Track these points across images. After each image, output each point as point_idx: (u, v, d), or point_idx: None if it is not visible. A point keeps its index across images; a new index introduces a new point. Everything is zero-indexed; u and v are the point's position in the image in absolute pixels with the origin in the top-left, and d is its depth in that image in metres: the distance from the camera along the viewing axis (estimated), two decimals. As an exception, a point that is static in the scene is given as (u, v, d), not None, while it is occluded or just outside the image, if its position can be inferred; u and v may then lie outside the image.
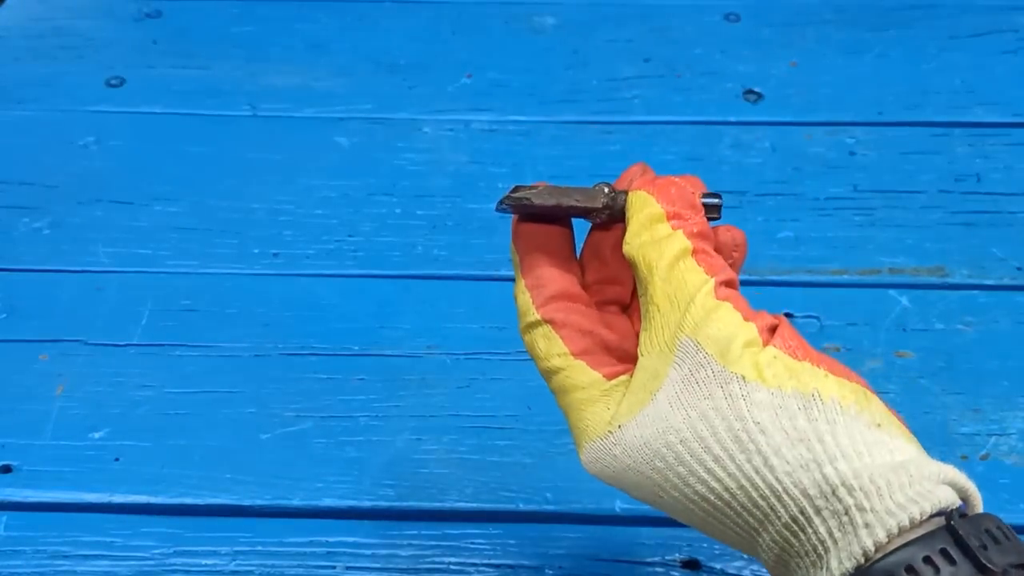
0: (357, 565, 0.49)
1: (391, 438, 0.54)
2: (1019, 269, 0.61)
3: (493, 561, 0.49)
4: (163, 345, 0.58)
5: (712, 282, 0.35)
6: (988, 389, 0.55)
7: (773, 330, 0.35)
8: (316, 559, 0.49)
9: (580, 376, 0.37)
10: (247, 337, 0.58)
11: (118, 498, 0.51)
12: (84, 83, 0.74)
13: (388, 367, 0.57)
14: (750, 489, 0.33)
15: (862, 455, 0.32)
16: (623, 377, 0.37)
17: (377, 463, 0.53)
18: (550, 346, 0.38)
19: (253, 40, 0.78)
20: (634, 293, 0.40)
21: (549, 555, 0.49)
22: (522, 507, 0.51)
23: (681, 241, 0.36)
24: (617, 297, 0.40)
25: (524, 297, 0.39)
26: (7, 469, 0.52)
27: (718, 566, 0.49)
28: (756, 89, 0.73)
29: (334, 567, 0.49)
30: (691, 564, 0.49)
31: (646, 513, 0.50)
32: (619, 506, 0.51)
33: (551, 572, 0.48)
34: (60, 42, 0.78)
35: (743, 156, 0.68)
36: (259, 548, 0.49)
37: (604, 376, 0.37)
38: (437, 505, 0.51)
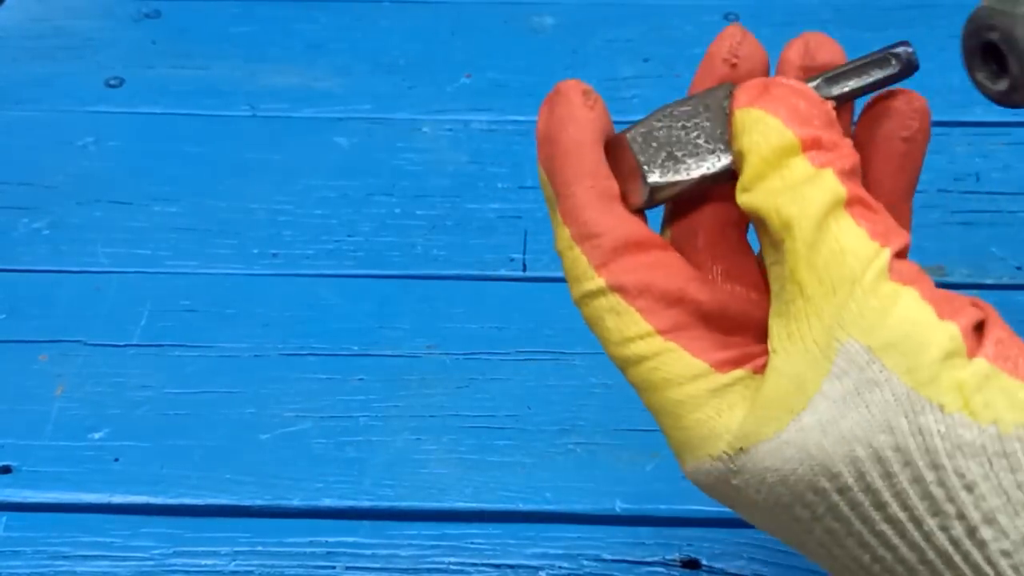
0: (357, 565, 0.49)
1: (391, 438, 0.54)
2: (1019, 268, 0.61)
3: (493, 561, 0.49)
4: (162, 345, 0.58)
5: (886, 254, 0.25)
6: (988, 388, 0.55)
7: (980, 328, 0.25)
8: (316, 559, 0.49)
9: (675, 366, 0.27)
10: (246, 337, 0.58)
11: (118, 498, 0.51)
12: (83, 83, 0.74)
13: (388, 367, 0.57)
14: (943, 568, 0.24)
15: None
16: (741, 372, 0.27)
17: (377, 463, 0.53)
18: (624, 325, 0.28)
19: (252, 40, 0.78)
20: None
21: (549, 555, 0.49)
22: (522, 507, 0.51)
23: (832, 186, 0.25)
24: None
25: (573, 253, 0.29)
26: (7, 470, 0.52)
27: (718, 565, 0.49)
28: (755, 89, 0.73)
29: (334, 567, 0.49)
30: (691, 564, 0.49)
31: (646, 513, 0.50)
32: (619, 506, 0.51)
33: (551, 572, 0.48)
34: (59, 42, 0.78)
35: (742, 156, 0.68)
36: (259, 548, 0.49)
37: (712, 366, 0.27)
38: (437, 505, 0.51)
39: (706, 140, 0.28)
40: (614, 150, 0.28)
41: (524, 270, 0.61)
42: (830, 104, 0.27)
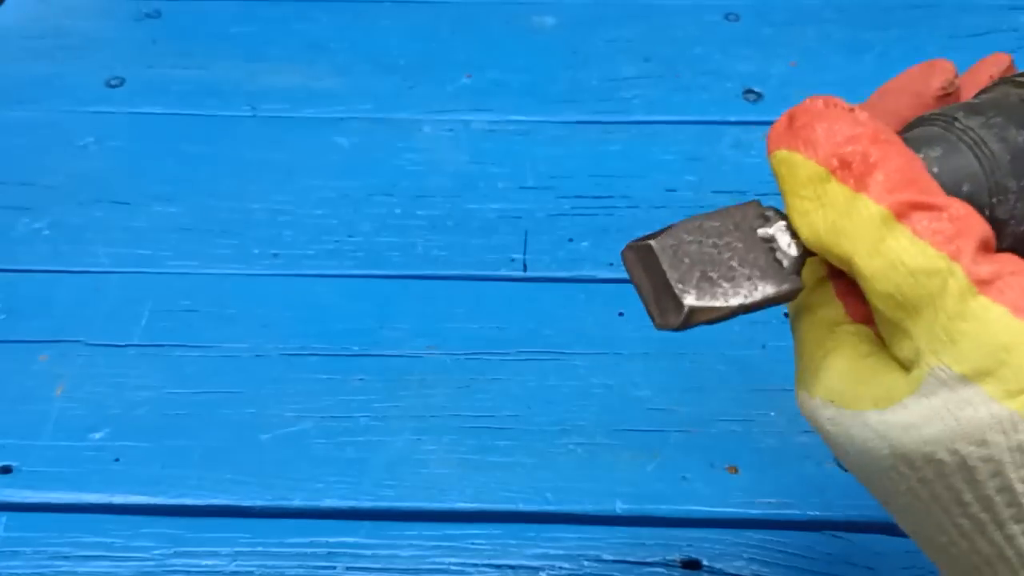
0: (357, 566, 0.49)
1: (391, 438, 0.54)
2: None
3: (493, 561, 0.49)
4: (163, 345, 0.58)
5: (959, 268, 0.24)
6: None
7: None
8: (316, 560, 0.49)
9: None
10: (247, 337, 0.58)
11: (118, 499, 0.51)
12: (83, 83, 0.74)
13: (388, 367, 0.57)
14: (1019, 568, 0.25)
15: None
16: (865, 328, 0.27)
17: (377, 463, 0.52)
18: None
19: (252, 40, 0.78)
20: None
21: (550, 555, 0.49)
22: (522, 507, 0.51)
23: (869, 210, 0.24)
24: None
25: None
26: (7, 470, 0.52)
27: (719, 566, 0.48)
28: (756, 89, 0.73)
29: (334, 567, 0.49)
30: (691, 564, 0.49)
31: (646, 513, 0.50)
32: (619, 506, 0.50)
33: (551, 572, 0.48)
34: (59, 42, 0.78)
35: (743, 155, 0.68)
36: (259, 549, 0.49)
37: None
38: (437, 505, 0.51)
39: (740, 263, 0.27)
40: (643, 257, 0.27)
41: (524, 270, 0.61)
42: (859, 111, 0.26)
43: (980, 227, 0.24)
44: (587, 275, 0.61)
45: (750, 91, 0.73)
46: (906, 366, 0.25)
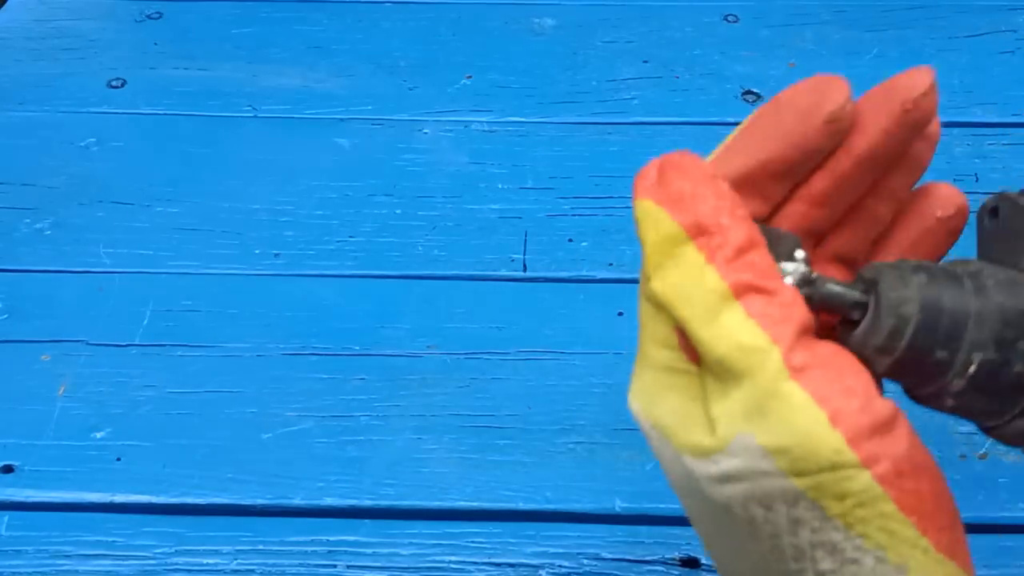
0: (358, 564, 0.49)
1: (392, 437, 0.54)
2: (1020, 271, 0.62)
3: (493, 559, 0.49)
4: (165, 345, 0.58)
5: (777, 352, 0.25)
6: (986, 388, 0.55)
7: (886, 429, 0.26)
8: (317, 558, 0.49)
9: None
10: (248, 337, 0.58)
11: (120, 498, 0.51)
12: (85, 84, 0.74)
13: (389, 367, 0.57)
14: None
15: None
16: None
17: (378, 462, 0.53)
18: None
19: (254, 41, 0.78)
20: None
21: (549, 553, 0.49)
22: (522, 506, 0.51)
23: (713, 284, 0.26)
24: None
25: None
26: (9, 469, 0.52)
27: (717, 564, 0.49)
28: (755, 90, 0.73)
29: (335, 566, 0.49)
30: (690, 563, 0.49)
31: (645, 512, 0.50)
32: (619, 505, 0.51)
33: (551, 571, 0.49)
34: (61, 43, 0.78)
35: (742, 156, 0.69)
36: (260, 547, 0.50)
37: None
38: (438, 504, 0.51)
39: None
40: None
41: (524, 270, 0.62)
42: (722, 181, 0.27)
43: (802, 315, 0.26)
44: (587, 275, 0.61)
45: (749, 92, 0.73)
46: (718, 421, 0.26)
